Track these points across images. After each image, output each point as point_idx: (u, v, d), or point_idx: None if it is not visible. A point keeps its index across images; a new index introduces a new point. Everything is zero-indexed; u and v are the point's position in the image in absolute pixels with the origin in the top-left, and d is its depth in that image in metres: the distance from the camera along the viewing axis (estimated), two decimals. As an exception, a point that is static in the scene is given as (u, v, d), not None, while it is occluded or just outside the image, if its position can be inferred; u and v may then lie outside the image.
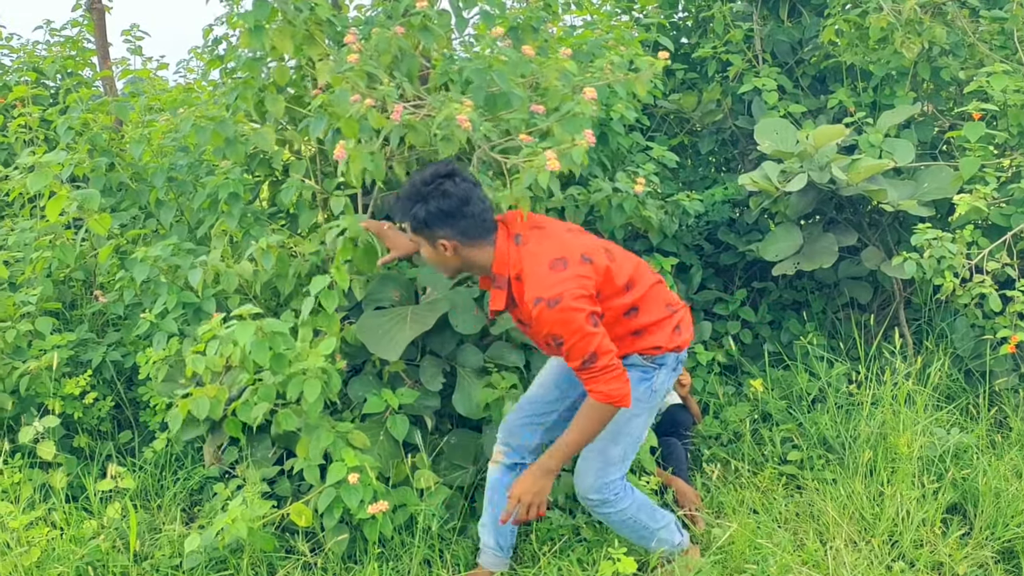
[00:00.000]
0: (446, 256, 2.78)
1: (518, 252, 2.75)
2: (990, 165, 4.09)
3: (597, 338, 2.65)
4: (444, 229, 2.73)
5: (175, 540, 3.15)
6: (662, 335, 2.88)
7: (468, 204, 2.73)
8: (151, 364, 3.49)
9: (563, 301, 2.60)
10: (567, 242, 2.77)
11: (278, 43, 3.39)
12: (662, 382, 2.92)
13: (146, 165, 4.17)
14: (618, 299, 2.81)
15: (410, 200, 2.74)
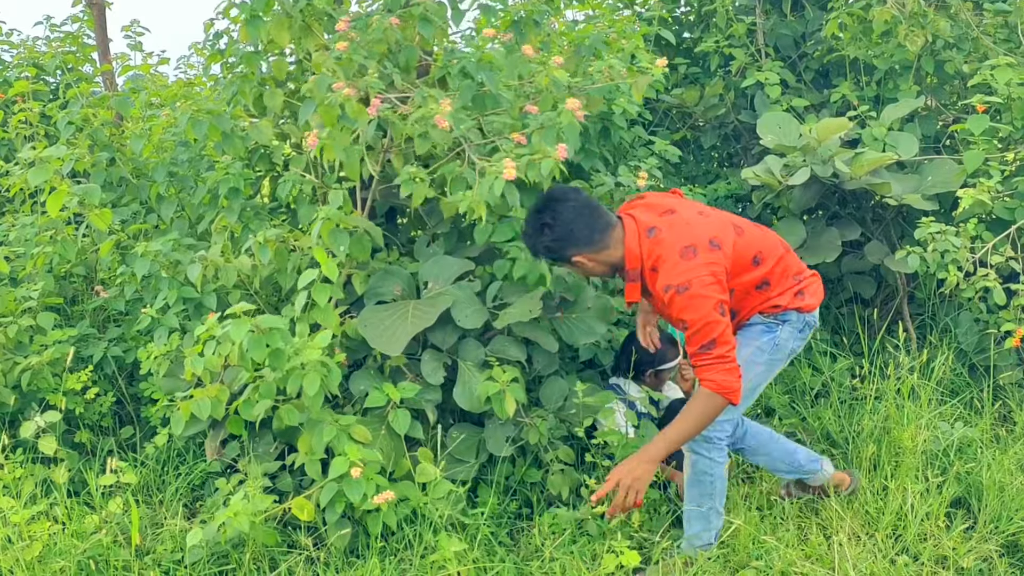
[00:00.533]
0: (588, 267, 3.00)
1: (650, 244, 2.89)
2: (994, 158, 4.08)
3: (720, 327, 2.77)
4: (569, 250, 2.94)
5: (177, 535, 3.16)
6: (783, 298, 3.01)
7: (575, 221, 2.92)
8: (152, 359, 3.50)
9: (692, 288, 2.76)
10: (697, 228, 2.89)
11: (275, 35, 3.40)
12: (785, 339, 3.03)
13: (147, 160, 4.18)
14: (748, 274, 2.96)
15: (529, 240, 3.02)
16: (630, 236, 2.93)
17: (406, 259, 3.84)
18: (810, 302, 3.06)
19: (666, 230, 2.89)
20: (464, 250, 3.85)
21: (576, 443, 3.54)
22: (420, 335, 3.52)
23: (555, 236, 2.93)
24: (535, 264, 3.46)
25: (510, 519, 3.39)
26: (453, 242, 3.89)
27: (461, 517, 3.20)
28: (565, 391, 3.60)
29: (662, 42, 5.08)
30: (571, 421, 3.53)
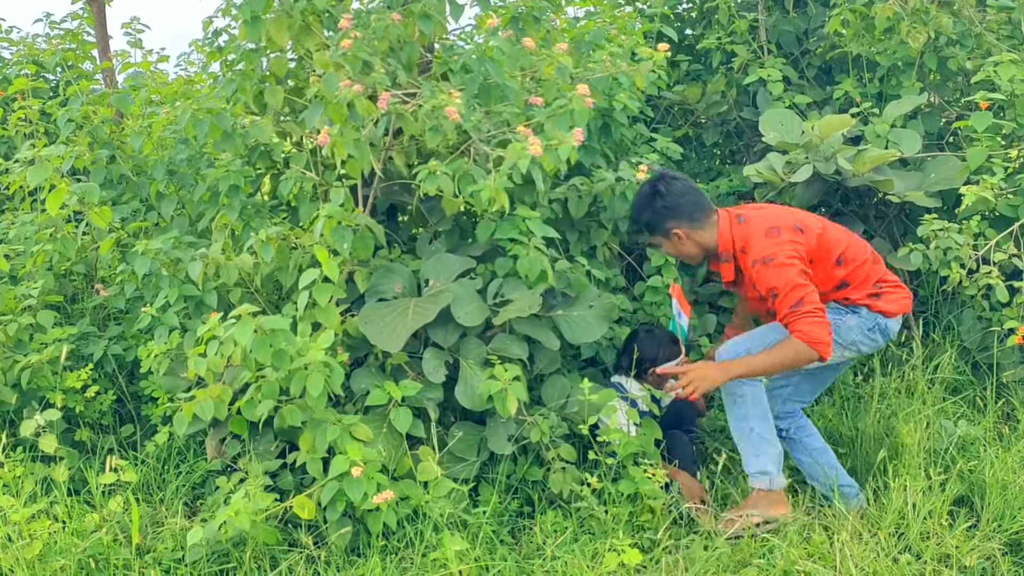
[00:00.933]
0: (684, 244, 3.32)
1: (740, 229, 3.22)
2: (997, 155, 4.08)
3: (806, 289, 3.03)
4: (671, 221, 3.29)
5: (177, 533, 3.16)
6: (857, 295, 3.21)
7: (685, 196, 3.28)
8: (153, 358, 3.50)
9: (776, 259, 3.05)
10: (781, 214, 3.21)
11: (275, 34, 3.40)
12: (850, 326, 3.20)
13: (147, 158, 4.18)
14: (829, 270, 3.18)
15: (638, 211, 3.36)
16: (723, 222, 3.27)
17: (407, 257, 3.84)
18: (885, 307, 3.23)
19: (754, 216, 3.23)
20: (466, 248, 3.85)
21: (578, 441, 3.54)
22: (422, 333, 3.53)
23: (665, 204, 3.27)
24: (538, 261, 3.46)
25: (511, 518, 3.39)
26: (455, 240, 3.89)
27: (463, 515, 3.20)
28: (567, 389, 3.60)
29: (664, 38, 5.07)
30: (573, 419, 3.53)
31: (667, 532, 3.19)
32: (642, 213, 3.35)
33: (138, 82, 5.21)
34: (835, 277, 3.21)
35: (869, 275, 3.25)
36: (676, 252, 3.41)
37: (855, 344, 3.26)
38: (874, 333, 3.25)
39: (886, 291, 3.26)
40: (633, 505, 3.28)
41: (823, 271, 3.19)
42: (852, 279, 3.22)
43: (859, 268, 3.23)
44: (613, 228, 4.14)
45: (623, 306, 4.11)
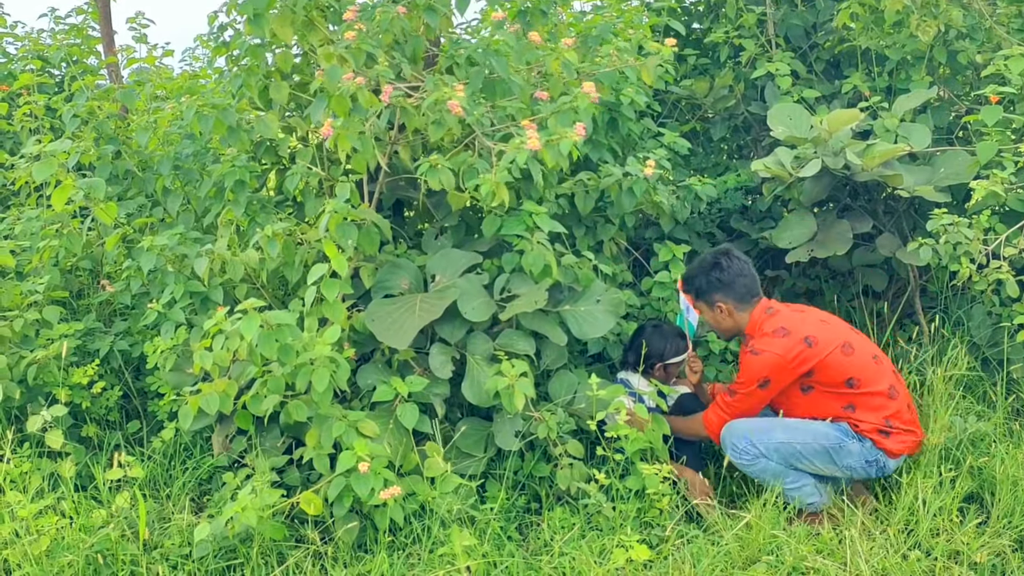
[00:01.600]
0: (723, 318, 3.52)
1: (764, 319, 3.44)
2: (1008, 150, 4.06)
3: (752, 392, 3.35)
4: (720, 295, 3.49)
5: (184, 529, 3.17)
6: (864, 425, 3.32)
7: (742, 276, 3.48)
8: (159, 353, 3.51)
9: (760, 356, 3.31)
10: (802, 323, 3.38)
11: (278, 30, 3.40)
12: (849, 450, 3.30)
13: (152, 153, 4.19)
14: (835, 388, 3.34)
15: (691, 273, 3.57)
16: (758, 310, 3.48)
17: (414, 252, 3.84)
18: (890, 446, 3.31)
19: (780, 312, 3.45)
20: (472, 243, 3.85)
21: (585, 437, 3.54)
22: (429, 329, 3.53)
23: (719, 278, 3.47)
24: (543, 255, 3.46)
25: (519, 514, 3.39)
26: (461, 235, 3.89)
27: (470, 511, 3.21)
28: (574, 385, 3.60)
29: (671, 32, 5.06)
30: (580, 415, 3.53)
31: (675, 528, 3.19)
32: (696, 278, 3.54)
33: (143, 77, 5.21)
34: (843, 396, 3.34)
35: (880, 408, 3.33)
36: (713, 321, 3.58)
37: (850, 468, 3.34)
38: (871, 467, 3.34)
39: (896, 431, 3.33)
40: (641, 501, 3.28)
41: (829, 386, 3.34)
42: (860, 404, 3.33)
43: (870, 397, 3.32)
44: (620, 223, 4.14)
45: (630, 301, 4.11)
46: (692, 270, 3.59)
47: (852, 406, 3.34)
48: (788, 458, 3.31)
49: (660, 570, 3.01)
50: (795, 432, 3.33)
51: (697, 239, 4.74)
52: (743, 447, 3.32)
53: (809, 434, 3.33)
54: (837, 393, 3.34)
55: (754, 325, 3.46)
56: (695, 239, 4.71)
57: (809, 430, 3.34)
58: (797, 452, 3.31)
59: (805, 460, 3.31)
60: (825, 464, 3.32)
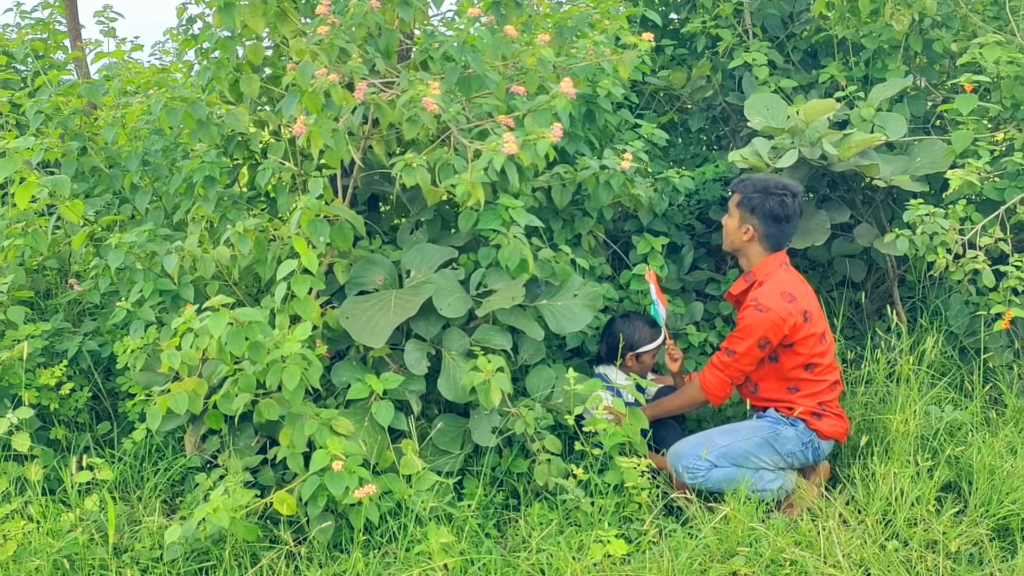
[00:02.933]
0: (740, 235, 3.53)
1: (777, 271, 3.49)
2: (983, 138, 4.10)
3: (751, 350, 3.38)
4: (759, 221, 3.49)
5: (155, 532, 3.15)
6: (799, 409, 3.43)
7: (788, 222, 3.50)
8: (129, 353, 3.48)
9: (765, 315, 3.33)
10: (807, 296, 3.45)
11: (250, 21, 3.38)
12: (787, 436, 3.42)
13: (120, 149, 4.15)
14: (795, 368, 3.43)
15: (756, 190, 3.50)
16: (773, 258, 3.53)
17: (389, 247, 3.83)
18: (823, 427, 3.45)
19: (793, 275, 3.51)
20: (448, 238, 3.84)
21: (563, 433, 3.55)
22: (404, 325, 3.52)
23: (773, 210, 3.45)
24: (520, 250, 3.45)
25: (497, 510, 3.40)
26: (436, 230, 3.88)
27: (447, 509, 3.21)
28: (552, 380, 3.60)
29: (648, 23, 5.06)
30: (558, 410, 3.53)
31: (654, 522, 3.21)
32: (756, 192, 3.50)
33: (111, 72, 5.17)
34: (795, 376, 3.45)
35: (819, 394, 3.46)
36: (731, 232, 3.59)
37: (791, 455, 3.44)
38: (807, 448, 3.45)
39: (827, 415, 3.47)
40: (619, 496, 3.29)
41: (789, 363, 3.43)
42: (805, 387, 3.45)
43: (816, 383, 3.46)
44: (598, 216, 4.14)
45: (608, 295, 4.11)
46: (755, 183, 3.53)
47: (797, 388, 3.46)
48: (737, 460, 3.39)
49: (638, 564, 3.02)
50: (734, 433, 3.45)
51: (676, 231, 4.75)
52: (693, 465, 3.37)
53: (746, 430, 3.45)
54: (792, 373, 3.44)
55: (763, 270, 3.50)
56: (674, 231, 4.72)
57: (744, 427, 3.48)
58: (743, 451, 3.40)
59: (753, 457, 3.40)
60: (769, 456, 3.42)
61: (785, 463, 3.45)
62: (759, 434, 3.42)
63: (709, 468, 3.37)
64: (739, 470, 3.38)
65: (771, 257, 3.53)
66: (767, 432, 3.43)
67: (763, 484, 3.40)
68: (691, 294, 4.73)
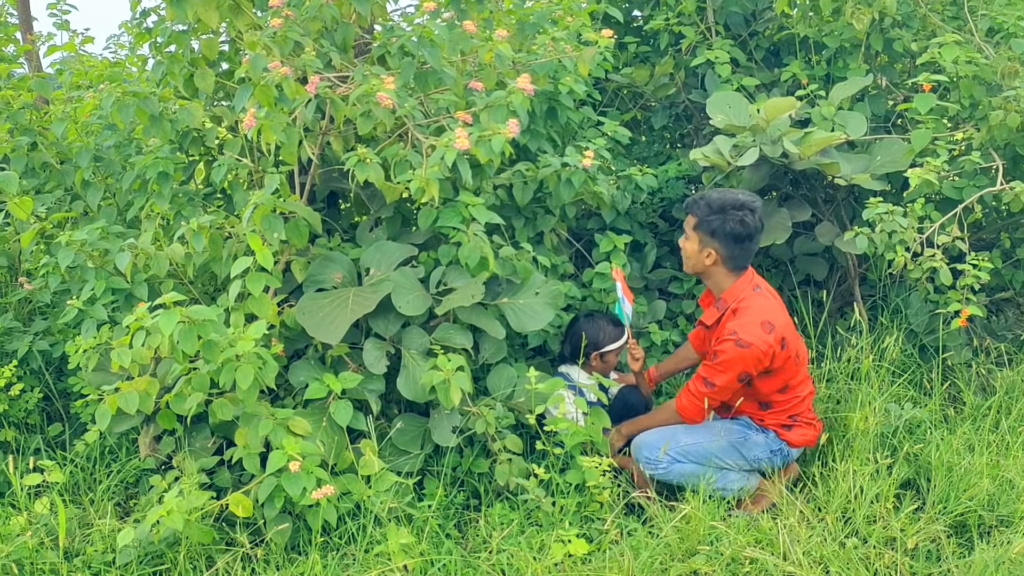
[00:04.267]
0: (703, 260, 3.44)
1: (750, 295, 3.40)
2: (942, 137, 4.17)
3: (730, 384, 3.35)
4: (720, 244, 3.39)
5: (108, 535, 3.11)
6: (771, 420, 3.47)
7: (751, 240, 3.40)
8: (81, 353, 3.44)
9: (747, 350, 3.27)
10: (781, 316, 3.39)
11: (203, 15, 3.34)
12: (755, 441, 3.45)
13: (71, 144, 4.10)
14: (770, 389, 3.42)
15: (711, 208, 3.39)
16: (743, 280, 3.44)
17: (348, 245, 3.81)
18: (792, 437, 3.47)
19: (766, 298, 3.42)
20: (408, 235, 3.83)
21: (525, 432, 3.56)
22: (363, 323, 3.51)
23: (733, 232, 3.35)
24: (480, 248, 3.46)
25: (457, 511, 3.40)
26: (396, 227, 3.87)
27: (408, 509, 3.20)
28: (513, 379, 3.61)
29: (611, 20, 5.08)
30: (519, 409, 3.54)
31: (615, 521, 3.23)
32: (713, 214, 3.39)
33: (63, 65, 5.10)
34: (768, 397, 3.45)
35: (791, 409, 3.47)
36: (691, 256, 3.49)
37: (758, 461, 3.48)
38: (776, 456, 3.48)
39: (798, 425, 3.49)
40: (581, 495, 3.31)
41: (765, 388, 3.42)
42: (778, 406, 3.46)
43: (789, 400, 3.46)
44: (560, 214, 4.16)
45: (571, 293, 4.13)
46: (711, 204, 3.40)
47: (769, 405, 3.47)
48: (699, 459, 3.41)
49: (599, 564, 3.04)
50: (700, 433, 3.46)
51: (639, 229, 4.78)
52: (655, 457, 3.40)
53: (713, 432, 3.45)
54: (765, 396, 3.45)
55: (735, 295, 3.41)
56: (637, 229, 4.75)
57: (712, 428, 3.48)
58: (707, 451, 3.42)
59: (716, 458, 3.42)
60: (735, 459, 3.45)
61: (751, 467, 3.48)
62: (727, 438, 3.44)
63: (671, 463, 3.40)
64: (701, 467, 3.40)
65: (741, 280, 3.44)
66: (736, 436, 3.45)
67: (726, 483, 3.43)
68: (654, 292, 4.76)
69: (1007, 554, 3.06)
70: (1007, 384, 4.02)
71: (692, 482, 3.38)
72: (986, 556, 3.07)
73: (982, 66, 4.24)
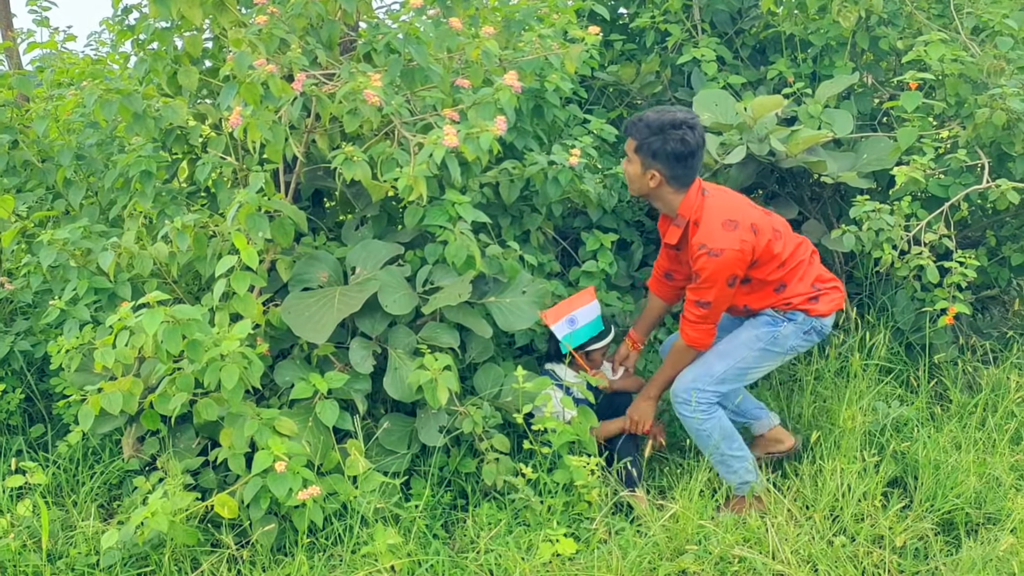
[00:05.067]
0: (647, 183, 3.36)
1: (702, 201, 3.34)
2: (928, 135, 4.19)
3: (722, 295, 3.30)
4: (663, 165, 3.31)
5: (91, 537, 3.10)
6: (796, 299, 3.41)
7: (693, 157, 3.31)
8: (63, 353, 3.41)
9: (722, 256, 3.22)
10: (744, 208, 3.34)
11: (187, 11, 3.32)
12: (786, 335, 3.42)
13: (53, 143, 4.07)
14: (770, 274, 3.36)
15: (650, 129, 3.30)
16: (693, 189, 3.36)
17: (333, 244, 3.80)
18: (821, 308, 3.43)
19: (717, 196, 3.37)
20: (394, 234, 3.83)
21: (512, 431, 3.56)
22: (349, 323, 3.50)
23: (675, 151, 3.27)
24: (466, 246, 3.45)
25: (445, 511, 3.40)
26: (382, 226, 3.87)
27: (394, 510, 3.20)
28: (501, 378, 3.61)
29: (596, 17, 5.09)
30: (507, 409, 3.54)
31: (603, 521, 3.23)
32: (652, 135, 3.29)
33: (45, 63, 5.06)
34: (775, 279, 3.39)
35: (806, 275, 3.43)
36: (635, 179, 3.41)
37: (793, 349, 3.47)
38: (810, 335, 3.46)
39: (823, 292, 3.45)
40: (569, 495, 3.31)
41: (765, 272, 3.36)
42: (790, 279, 3.40)
43: (797, 268, 3.42)
44: (547, 212, 4.16)
45: (557, 292, 4.13)
46: (649, 125, 3.31)
47: (783, 285, 3.41)
48: (740, 378, 3.46)
49: (587, 563, 3.04)
50: (729, 354, 3.43)
51: (626, 227, 4.78)
52: (693, 399, 3.38)
53: (742, 347, 3.43)
54: (770, 279, 3.39)
55: (689, 207, 3.35)
56: (623, 227, 4.75)
57: (739, 343, 3.45)
58: (743, 369, 3.44)
59: (754, 370, 3.46)
60: (772, 361, 3.47)
61: (790, 356, 3.50)
62: (757, 345, 3.42)
63: (710, 407, 3.40)
64: (734, 435, 3.43)
65: (690, 193, 3.35)
66: (766, 340, 3.42)
67: (741, 473, 3.45)
68: (640, 291, 4.76)
69: (994, 551, 3.08)
70: (993, 382, 4.05)
71: (717, 445, 3.40)
72: (974, 554, 3.09)
73: (968, 64, 4.27)
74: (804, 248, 3.49)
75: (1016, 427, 3.76)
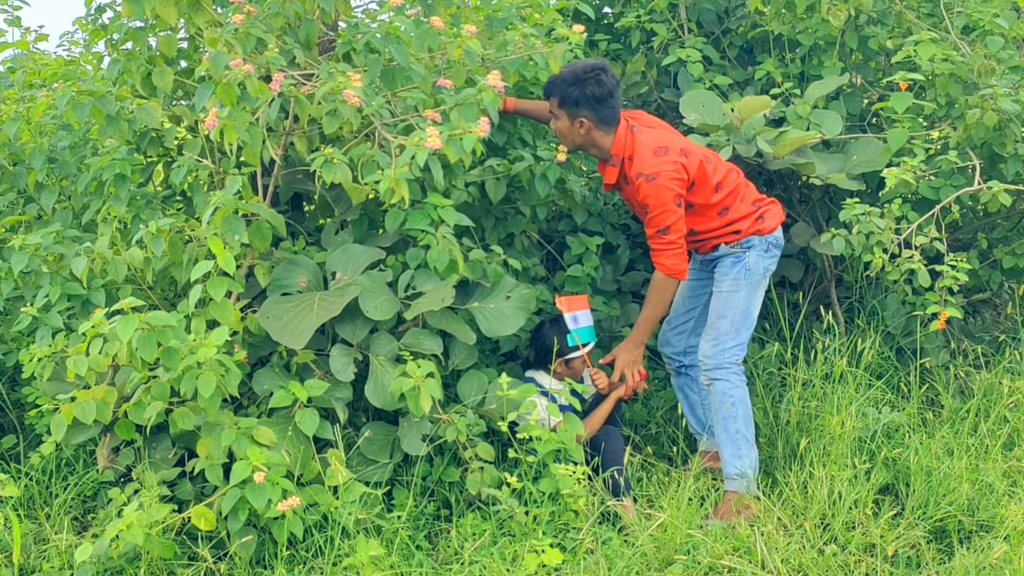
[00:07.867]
0: (578, 132, 3.61)
1: (632, 137, 3.59)
2: (918, 137, 4.21)
3: (675, 215, 3.50)
4: (587, 111, 3.56)
5: (65, 551, 3.08)
6: (743, 223, 3.65)
7: (612, 97, 3.57)
8: (35, 362, 3.39)
9: (659, 179, 3.47)
10: (671, 136, 3.67)
11: (161, 11, 3.31)
12: (755, 261, 3.66)
13: (24, 145, 4.05)
14: (709, 197, 3.61)
15: (567, 82, 3.57)
16: (621, 128, 3.61)
17: (313, 248, 3.80)
18: (769, 224, 3.69)
19: (646, 130, 3.63)
20: (375, 238, 3.82)
21: (497, 440, 3.56)
22: (329, 329, 3.50)
23: (594, 93, 3.53)
24: (449, 250, 3.45)
25: (428, 521, 3.39)
26: (363, 230, 3.86)
27: (377, 520, 3.19)
28: (484, 385, 3.61)
29: (581, 16, 5.10)
30: (491, 417, 3.54)
31: (590, 530, 3.23)
32: (571, 86, 3.56)
33: (16, 63, 5.03)
34: (715, 202, 3.62)
35: (745, 196, 3.70)
36: (567, 133, 3.66)
37: (767, 269, 3.71)
38: (771, 251, 3.72)
39: (765, 209, 3.73)
40: (555, 504, 3.31)
41: (703, 195, 3.61)
42: (730, 202, 3.65)
43: (734, 191, 3.67)
44: (532, 215, 4.17)
45: (542, 297, 4.13)
46: (565, 78, 3.59)
47: (725, 208, 3.65)
48: (747, 320, 3.67)
49: (573, 574, 3.04)
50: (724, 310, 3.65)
51: (612, 231, 4.79)
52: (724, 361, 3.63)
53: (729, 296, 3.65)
54: (711, 202, 3.62)
55: (621, 144, 3.59)
56: (609, 231, 4.76)
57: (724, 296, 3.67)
58: (743, 311, 3.66)
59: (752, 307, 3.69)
60: (758, 289, 3.70)
61: (767, 280, 3.74)
62: (738, 286, 3.65)
63: (739, 367, 3.65)
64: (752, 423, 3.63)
65: (618, 132, 3.60)
66: (742, 277, 3.64)
67: (750, 462, 3.57)
68: (627, 295, 4.77)
69: (987, 560, 3.10)
70: (985, 387, 4.08)
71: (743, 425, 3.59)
72: (966, 562, 3.11)
73: (958, 64, 4.29)
74: (736, 173, 3.75)
75: (1009, 433, 3.78)
